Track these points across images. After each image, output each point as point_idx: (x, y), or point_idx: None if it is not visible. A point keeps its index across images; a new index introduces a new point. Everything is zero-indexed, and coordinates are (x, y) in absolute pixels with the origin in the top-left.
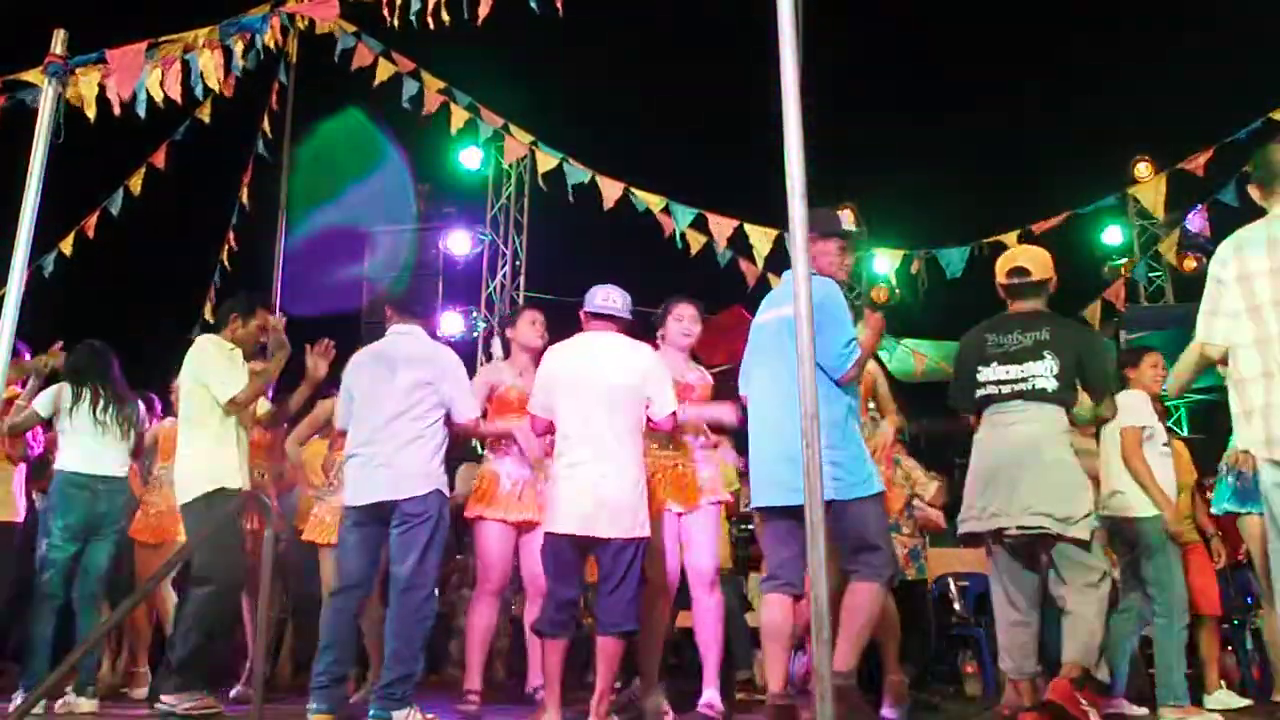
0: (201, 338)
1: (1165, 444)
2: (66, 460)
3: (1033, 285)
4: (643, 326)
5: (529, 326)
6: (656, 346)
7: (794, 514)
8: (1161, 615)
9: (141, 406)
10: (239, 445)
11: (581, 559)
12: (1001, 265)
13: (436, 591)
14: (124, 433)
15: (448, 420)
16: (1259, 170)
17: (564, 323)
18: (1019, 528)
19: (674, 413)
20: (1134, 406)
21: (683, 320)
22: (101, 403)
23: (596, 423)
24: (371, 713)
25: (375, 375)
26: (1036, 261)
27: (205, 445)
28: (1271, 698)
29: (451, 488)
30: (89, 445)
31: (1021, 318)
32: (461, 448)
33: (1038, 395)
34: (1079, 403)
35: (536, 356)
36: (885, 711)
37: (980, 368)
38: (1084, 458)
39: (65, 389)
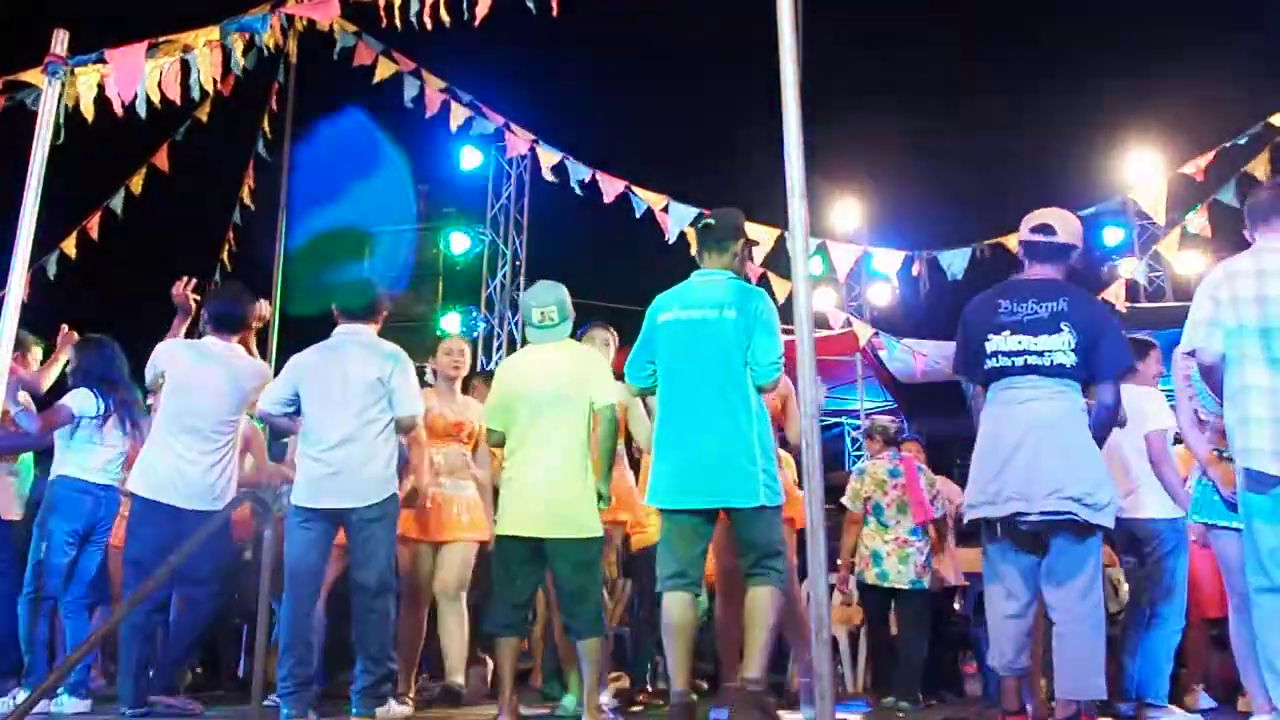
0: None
1: (1174, 443)
2: (72, 466)
3: (1056, 248)
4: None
5: (444, 357)
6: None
7: (703, 515)
8: (1165, 617)
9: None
10: None
11: (534, 561)
12: (1026, 221)
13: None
14: (126, 440)
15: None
16: (1247, 214)
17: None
18: (1042, 513)
19: (614, 403)
20: (1154, 409)
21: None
22: (113, 414)
23: (542, 428)
24: (355, 713)
25: (327, 379)
26: (1064, 223)
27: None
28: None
29: None
30: (95, 454)
31: (1038, 285)
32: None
33: (1056, 371)
34: None
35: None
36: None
37: (990, 335)
38: None
39: (88, 397)
